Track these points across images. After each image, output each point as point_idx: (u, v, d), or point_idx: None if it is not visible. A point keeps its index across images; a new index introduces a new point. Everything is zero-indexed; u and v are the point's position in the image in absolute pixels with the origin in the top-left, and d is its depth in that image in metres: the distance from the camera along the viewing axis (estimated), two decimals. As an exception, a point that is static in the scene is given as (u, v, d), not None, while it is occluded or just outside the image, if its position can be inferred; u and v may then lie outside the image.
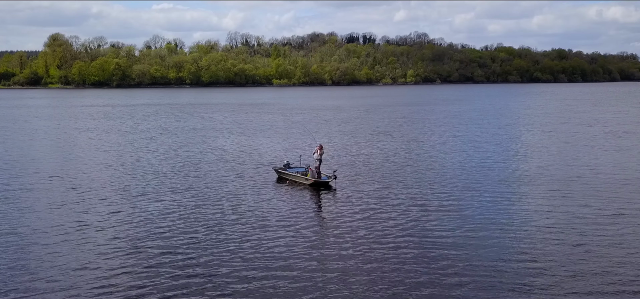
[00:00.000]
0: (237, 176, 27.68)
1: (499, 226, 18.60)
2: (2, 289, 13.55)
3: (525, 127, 52.18)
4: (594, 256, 15.72)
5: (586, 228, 18.36)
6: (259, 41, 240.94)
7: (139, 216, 19.88)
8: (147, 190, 24.26)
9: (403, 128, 51.54)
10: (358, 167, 29.82)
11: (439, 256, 15.67)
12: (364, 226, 18.56)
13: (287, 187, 24.77)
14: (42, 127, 53.52)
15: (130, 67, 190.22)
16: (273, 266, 14.90)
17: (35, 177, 27.39)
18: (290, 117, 55.52)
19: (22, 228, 18.43)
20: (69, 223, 19.00)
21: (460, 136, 44.94)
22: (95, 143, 41.37)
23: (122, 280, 14.00)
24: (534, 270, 14.64)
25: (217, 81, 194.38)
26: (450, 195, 23.06)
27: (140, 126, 53.87)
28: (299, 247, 16.49)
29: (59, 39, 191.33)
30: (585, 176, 27.31)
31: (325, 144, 38.36)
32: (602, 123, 55.76)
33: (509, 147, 37.99)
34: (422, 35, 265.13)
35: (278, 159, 31.65)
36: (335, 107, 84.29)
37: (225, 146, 39.13)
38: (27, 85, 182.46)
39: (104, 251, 16.21)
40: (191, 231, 18.08)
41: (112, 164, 31.52)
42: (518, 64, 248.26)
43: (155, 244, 16.78)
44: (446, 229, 18.25)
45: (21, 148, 38.56)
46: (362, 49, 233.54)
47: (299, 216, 19.96)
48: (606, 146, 38.62)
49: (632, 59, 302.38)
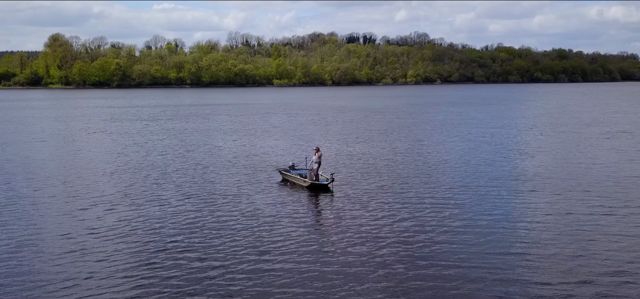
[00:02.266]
0: (244, 176, 27.90)
1: (500, 229, 18.60)
2: (8, 291, 13.62)
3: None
4: (599, 256, 15.78)
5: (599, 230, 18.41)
6: (259, 41, 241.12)
7: (143, 219, 19.94)
8: (157, 194, 24.33)
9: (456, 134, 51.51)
10: (359, 170, 29.86)
11: (438, 258, 15.71)
12: (359, 229, 18.55)
13: (288, 190, 24.81)
14: (51, 130, 53.55)
15: (130, 67, 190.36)
16: (265, 268, 14.96)
17: (46, 182, 27.36)
18: (296, 118, 55.37)
19: (31, 232, 18.49)
20: (76, 228, 19.05)
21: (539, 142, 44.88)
22: (101, 145, 41.42)
23: (120, 280, 14.07)
24: (534, 275, 14.67)
25: (217, 81, 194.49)
26: (454, 197, 23.11)
27: (149, 127, 53.96)
28: (291, 249, 16.53)
29: (60, 39, 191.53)
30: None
31: (328, 146, 38.38)
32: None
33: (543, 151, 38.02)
34: (423, 35, 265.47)
35: (284, 160, 31.66)
36: (347, 107, 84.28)
37: (233, 147, 39.04)
38: (27, 85, 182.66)
39: (106, 253, 16.27)
40: (192, 232, 18.13)
41: (120, 166, 31.49)
42: (518, 64, 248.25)
43: (155, 245, 16.84)
44: (445, 230, 18.31)
45: (30, 151, 38.61)
46: (362, 49, 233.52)
47: (294, 218, 20.01)
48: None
49: (632, 58, 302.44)
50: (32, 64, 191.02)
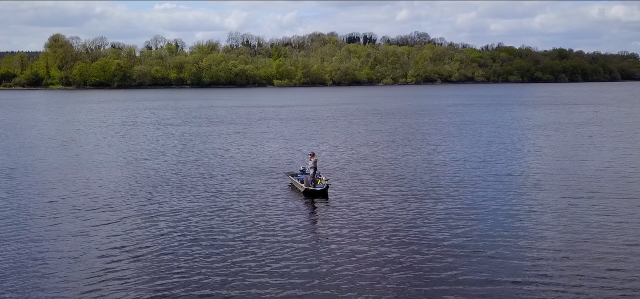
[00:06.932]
0: (256, 178, 28.52)
1: (500, 234, 18.64)
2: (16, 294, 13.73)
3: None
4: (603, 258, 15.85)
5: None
6: (259, 41, 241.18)
7: (149, 223, 20.05)
8: (172, 202, 24.45)
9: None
10: (359, 173, 29.94)
11: (437, 259, 15.79)
12: (353, 234, 18.65)
13: (288, 194, 24.94)
14: (58, 131, 53.66)
15: (131, 67, 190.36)
16: (256, 272, 15.08)
17: (60, 186, 27.52)
18: (307, 126, 55.10)
19: (39, 235, 18.63)
20: (83, 231, 19.18)
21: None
22: (105, 150, 41.54)
23: (120, 280, 14.17)
24: (535, 279, 14.75)
25: (217, 82, 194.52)
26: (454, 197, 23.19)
27: (168, 130, 54.06)
28: (285, 254, 16.70)
29: (60, 39, 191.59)
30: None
31: (332, 150, 38.42)
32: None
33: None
34: (423, 35, 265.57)
35: (295, 165, 31.50)
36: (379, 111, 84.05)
37: (251, 150, 39.01)
38: (28, 86, 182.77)
39: (108, 254, 16.38)
40: (194, 234, 18.25)
41: (128, 172, 31.57)
42: (519, 64, 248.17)
43: (155, 247, 16.95)
44: (444, 231, 18.40)
45: (35, 156, 38.72)
46: (362, 49, 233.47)
47: (289, 223, 20.16)
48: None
49: (632, 58, 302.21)
50: (32, 65, 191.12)
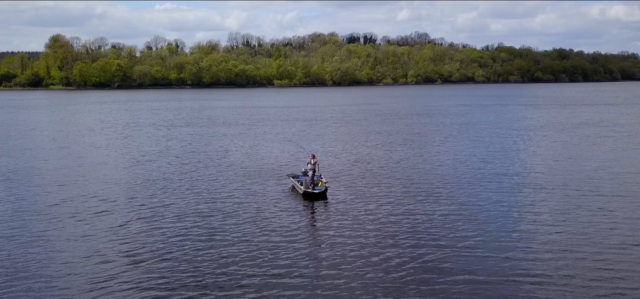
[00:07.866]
0: (257, 179, 28.60)
1: (501, 234, 18.61)
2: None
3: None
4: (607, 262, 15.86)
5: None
6: (259, 42, 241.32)
7: (153, 226, 20.07)
8: (173, 205, 24.46)
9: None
10: (358, 174, 29.95)
11: (437, 260, 15.78)
12: (351, 236, 18.64)
13: (289, 196, 24.95)
14: (60, 133, 53.70)
15: (131, 68, 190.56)
16: (256, 272, 15.10)
17: (62, 188, 27.52)
18: (309, 127, 55.16)
19: (45, 235, 18.66)
20: (80, 233, 19.20)
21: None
22: (104, 151, 41.55)
23: (119, 280, 14.19)
24: (533, 281, 14.75)
25: (218, 82, 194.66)
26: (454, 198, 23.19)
27: (175, 132, 54.08)
28: (285, 255, 16.73)
29: (60, 40, 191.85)
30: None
31: (333, 151, 38.42)
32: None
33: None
34: (423, 35, 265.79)
35: (297, 166, 31.49)
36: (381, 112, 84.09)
37: (253, 152, 38.92)
38: (28, 86, 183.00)
39: (110, 257, 16.40)
40: (195, 235, 18.26)
41: (130, 174, 31.54)
42: (519, 64, 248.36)
43: (156, 248, 16.96)
44: (444, 231, 18.40)
45: (38, 158, 38.74)
46: (363, 49, 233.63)
47: (289, 225, 20.17)
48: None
49: (633, 58, 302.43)
50: (32, 65, 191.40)
